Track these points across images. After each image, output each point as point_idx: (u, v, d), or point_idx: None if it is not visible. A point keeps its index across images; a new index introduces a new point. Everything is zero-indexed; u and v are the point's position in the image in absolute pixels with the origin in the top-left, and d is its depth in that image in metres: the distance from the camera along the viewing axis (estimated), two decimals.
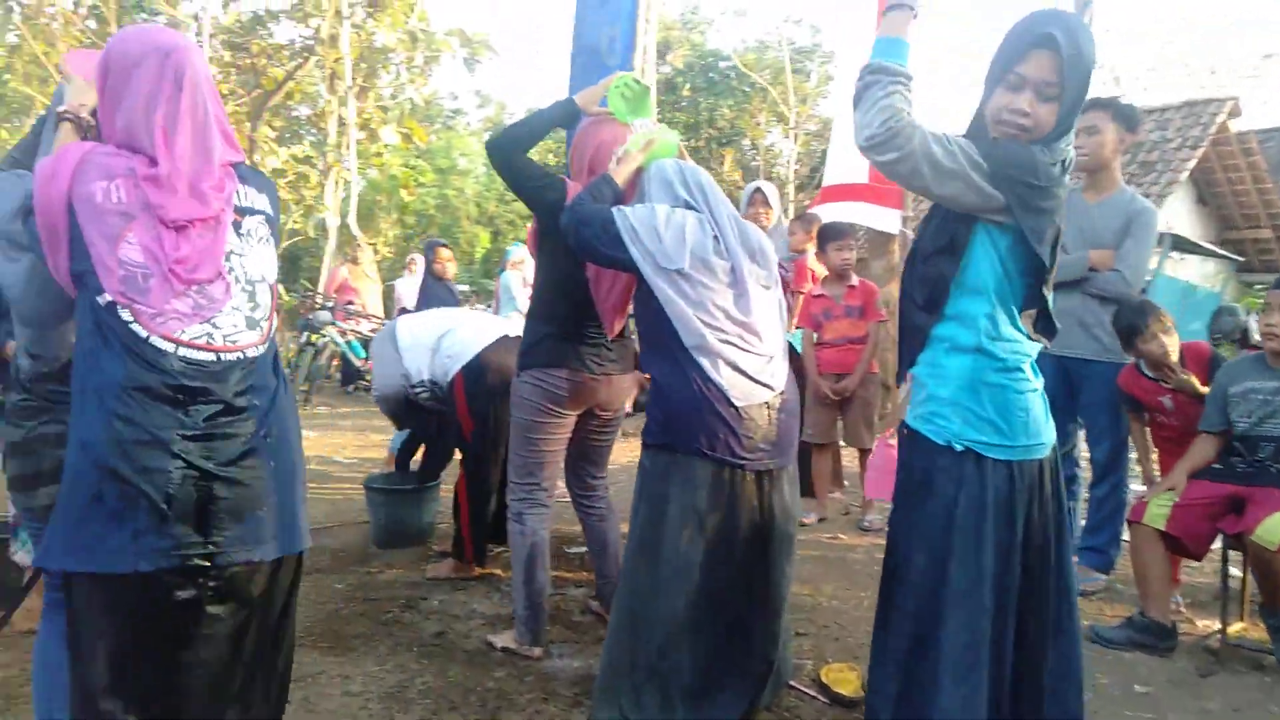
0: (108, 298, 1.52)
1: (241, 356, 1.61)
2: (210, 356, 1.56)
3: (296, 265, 21.69)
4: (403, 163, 16.91)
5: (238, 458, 1.56)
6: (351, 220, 11.68)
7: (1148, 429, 3.58)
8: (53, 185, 1.52)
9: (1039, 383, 1.93)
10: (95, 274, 1.52)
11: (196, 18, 13.59)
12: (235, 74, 15.79)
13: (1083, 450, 4.04)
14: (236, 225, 1.65)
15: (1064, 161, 1.84)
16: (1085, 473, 4.03)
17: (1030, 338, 1.90)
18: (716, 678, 2.32)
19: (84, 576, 1.51)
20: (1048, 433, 1.91)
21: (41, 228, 1.55)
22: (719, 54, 22.85)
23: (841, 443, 4.80)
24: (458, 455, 3.71)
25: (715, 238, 2.37)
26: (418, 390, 3.59)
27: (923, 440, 1.88)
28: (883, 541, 2.07)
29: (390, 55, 14.57)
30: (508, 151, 2.67)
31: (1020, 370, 1.87)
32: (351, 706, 2.52)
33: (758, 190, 4.96)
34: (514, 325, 3.49)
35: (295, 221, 17.65)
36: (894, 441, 2.25)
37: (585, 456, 3.05)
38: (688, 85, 23.40)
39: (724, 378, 2.27)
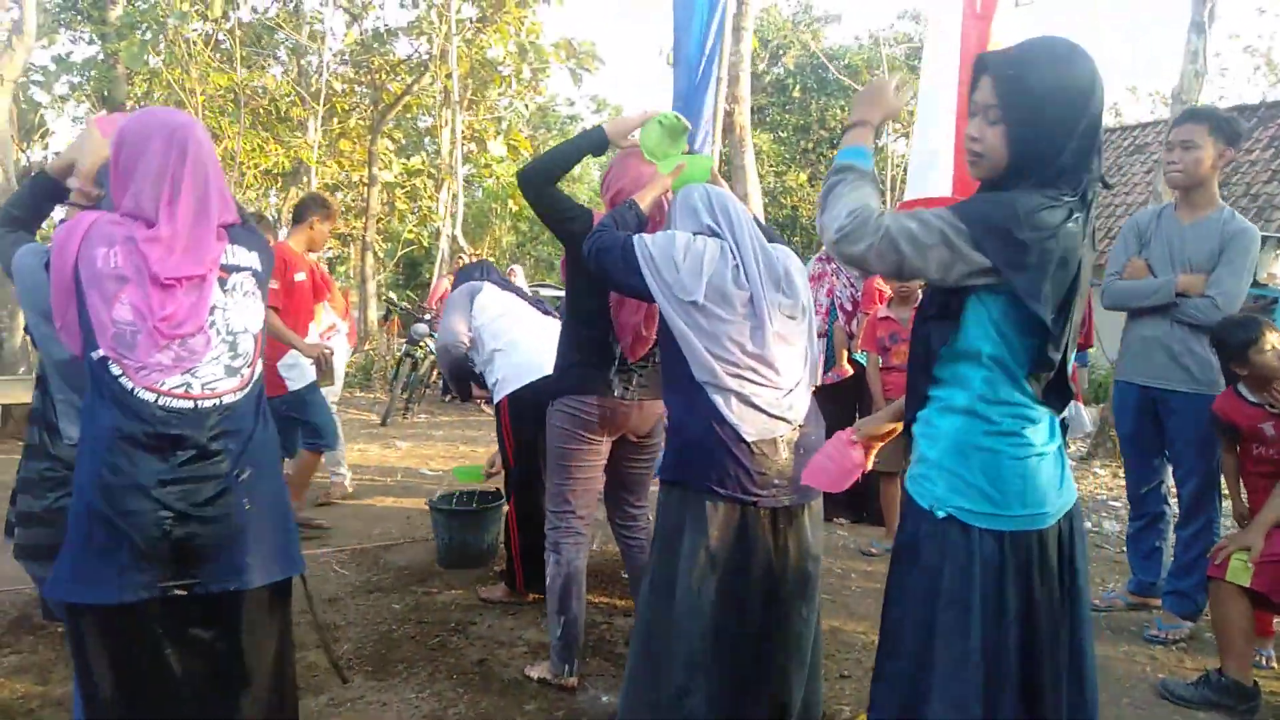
0: (100, 353, 1.68)
1: (218, 403, 1.75)
2: (188, 404, 1.70)
3: (415, 273, 22.51)
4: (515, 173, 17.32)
5: (212, 498, 1.70)
6: (458, 231, 12.02)
7: (1242, 460, 3.30)
8: (65, 252, 1.69)
9: (1051, 445, 1.77)
10: (93, 332, 1.68)
11: (319, 37, 14.28)
12: (357, 90, 16.53)
13: (1172, 486, 3.77)
14: (222, 281, 1.79)
15: (1078, 198, 1.68)
16: (1175, 509, 3.76)
17: (1039, 401, 1.74)
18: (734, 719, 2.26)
19: (82, 606, 1.70)
20: (1056, 500, 1.74)
21: (55, 288, 1.70)
22: (833, 53, 22.44)
23: None
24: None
25: (736, 266, 2.30)
26: (471, 364, 3.70)
27: (911, 503, 1.78)
28: None
29: (500, 68, 14.90)
30: (538, 184, 2.68)
31: (1020, 435, 1.71)
32: None
33: None
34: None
35: (410, 231, 18.29)
36: (856, 439, 2.10)
37: (623, 485, 3.04)
38: (798, 86, 23.10)
39: (735, 413, 2.21)
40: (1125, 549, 3.94)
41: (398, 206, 18.29)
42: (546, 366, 3.45)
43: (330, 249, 25.49)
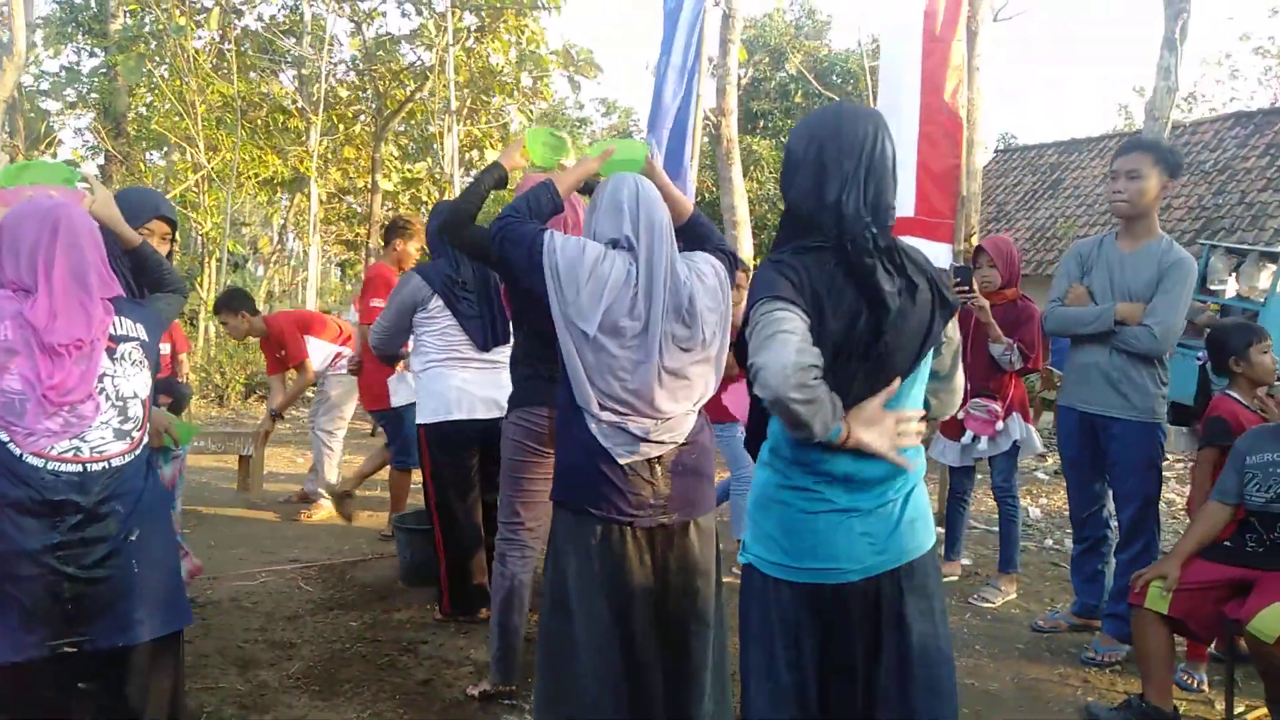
0: None
1: (107, 466, 1.85)
2: (77, 468, 1.80)
3: None
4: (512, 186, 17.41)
5: (101, 559, 1.80)
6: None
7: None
8: None
9: (865, 503, 1.73)
10: None
11: (325, 44, 14.39)
12: (361, 97, 16.65)
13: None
14: (110, 350, 1.90)
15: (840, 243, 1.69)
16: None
17: (843, 456, 1.69)
18: None
19: None
20: (869, 557, 1.72)
21: None
22: (835, 59, 22.47)
23: None
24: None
25: (635, 295, 2.25)
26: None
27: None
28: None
29: (500, 77, 15.01)
30: (457, 228, 2.76)
31: (813, 491, 1.72)
32: None
33: None
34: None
35: None
36: None
37: None
38: (800, 92, 23.12)
39: (609, 438, 2.25)
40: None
41: (402, 213, 18.41)
42: (463, 408, 3.51)
43: (337, 256, 25.71)
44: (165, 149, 13.28)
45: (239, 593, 4.08)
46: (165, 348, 7.59)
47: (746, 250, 9.80)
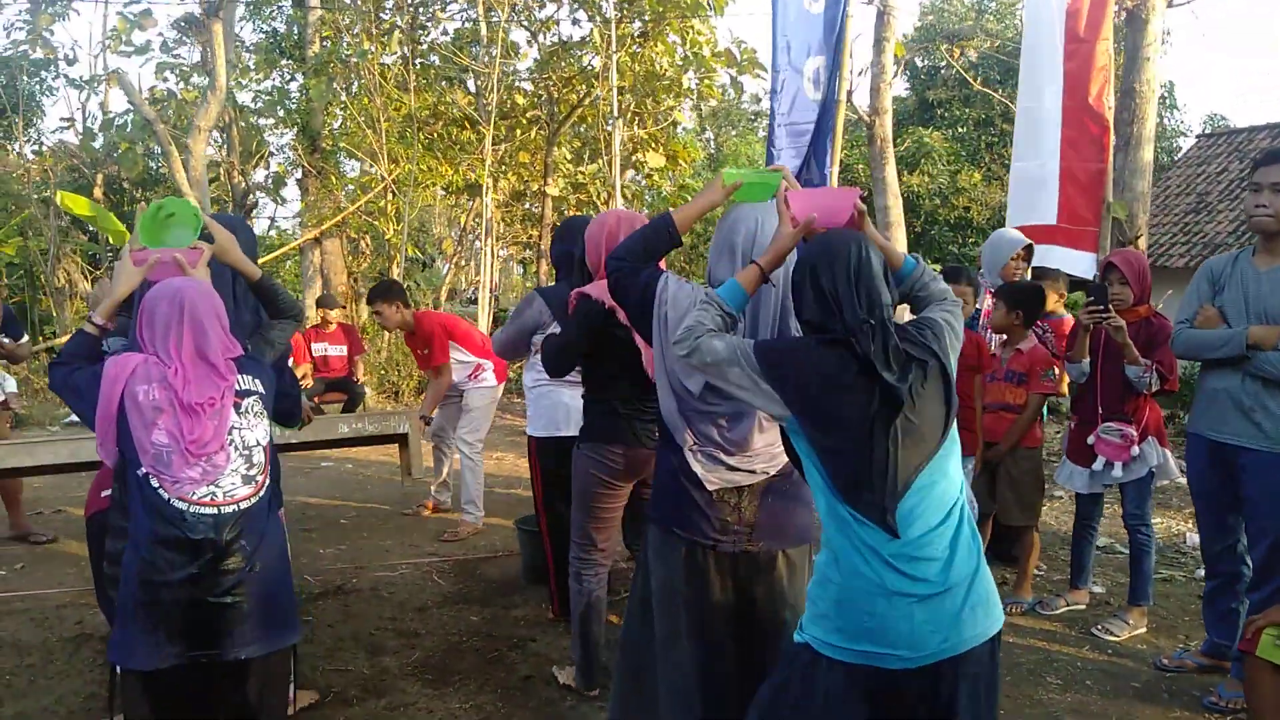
0: (143, 470, 2.14)
1: (236, 509, 2.19)
2: (213, 510, 2.15)
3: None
4: (680, 183, 17.65)
5: (230, 588, 2.15)
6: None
7: None
8: (114, 388, 2.17)
9: (919, 589, 1.76)
10: (136, 453, 2.14)
11: (508, 51, 15.12)
12: (536, 103, 17.36)
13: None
14: (237, 405, 2.24)
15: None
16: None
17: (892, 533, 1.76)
18: None
19: (126, 669, 2.21)
20: (921, 644, 1.74)
21: (100, 415, 2.19)
22: (1015, 42, 21.30)
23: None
24: None
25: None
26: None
27: None
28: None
29: (661, 80, 15.27)
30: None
31: (871, 574, 1.77)
32: None
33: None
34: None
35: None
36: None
37: (639, 514, 3.27)
38: (980, 79, 22.09)
39: (701, 466, 2.29)
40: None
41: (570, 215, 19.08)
42: (571, 425, 3.68)
43: (516, 255, 26.86)
44: (356, 162, 14.38)
45: (379, 582, 4.50)
46: (342, 349, 8.31)
47: (901, 250, 9.54)
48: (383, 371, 11.32)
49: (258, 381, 2.33)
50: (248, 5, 14.19)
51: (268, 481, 2.29)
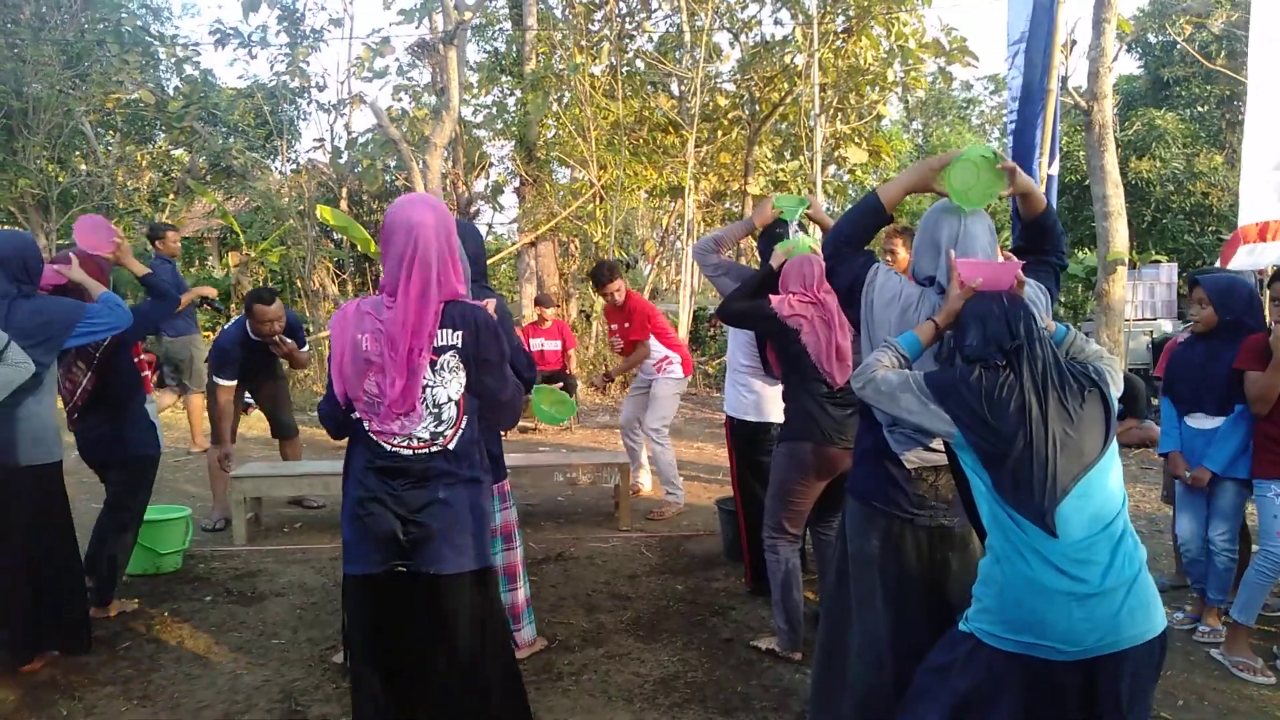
0: (357, 415, 2.39)
1: (429, 452, 2.40)
2: (409, 452, 2.39)
3: None
4: (883, 178, 17.42)
5: (420, 508, 2.38)
6: (814, 240, 12.54)
7: None
8: (344, 335, 2.40)
9: (1078, 588, 1.91)
10: (351, 396, 2.41)
11: (703, 56, 15.53)
12: (739, 103, 17.64)
13: None
14: (433, 363, 2.35)
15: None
16: None
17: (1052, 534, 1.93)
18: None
19: (348, 574, 2.48)
20: (1078, 639, 1.89)
21: (338, 360, 2.41)
22: None
23: None
24: None
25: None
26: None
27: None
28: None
29: (866, 74, 15.12)
30: (736, 310, 3.50)
31: (1032, 571, 1.93)
32: (634, 683, 3.34)
33: None
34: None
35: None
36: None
37: (828, 503, 3.50)
38: (1223, 53, 20.21)
39: (899, 443, 2.50)
40: None
41: None
42: (762, 412, 4.02)
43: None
44: (567, 170, 15.25)
45: (595, 553, 4.95)
46: (557, 344, 8.95)
47: (1120, 243, 9.06)
48: (591, 367, 11.99)
49: (459, 335, 2.37)
50: (472, 28, 15.35)
51: (459, 433, 2.40)
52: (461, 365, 2.39)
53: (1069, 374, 2.07)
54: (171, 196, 14.34)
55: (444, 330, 2.37)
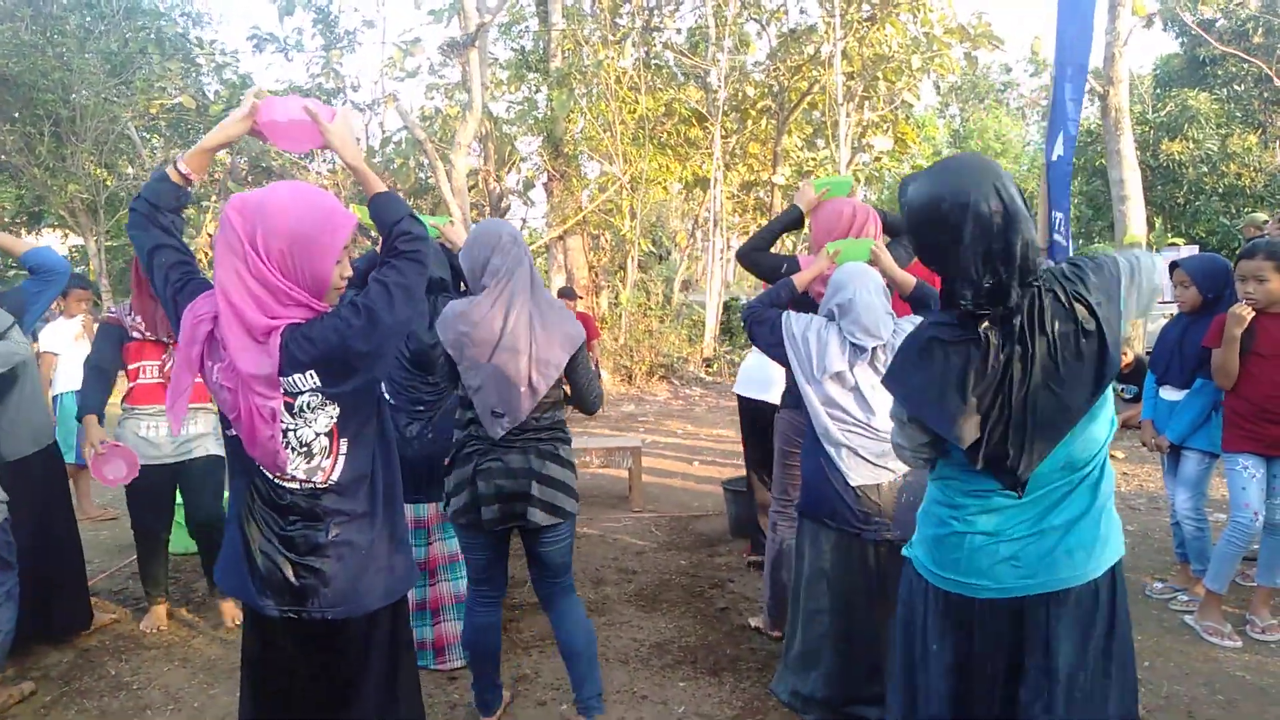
0: (232, 433, 2.00)
1: (314, 487, 2.00)
2: (295, 485, 2.00)
3: None
4: (913, 165, 17.43)
5: (310, 551, 2.01)
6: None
7: None
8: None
9: (1005, 529, 1.79)
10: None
11: (743, 44, 15.64)
12: (768, 93, 17.70)
13: None
14: (289, 405, 1.94)
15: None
16: None
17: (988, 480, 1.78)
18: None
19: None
20: (999, 578, 1.78)
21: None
22: None
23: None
24: None
25: (854, 347, 2.87)
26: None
27: None
28: None
29: (890, 61, 15.15)
30: (752, 256, 3.55)
31: (954, 508, 1.85)
32: (630, 646, 3.58)
33: None
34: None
35: None
36: None
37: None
38: (1260, 30, 19.85)
39: (845, 463, 2.82)
40: None
41: None
42: (770, 392, 4.20)
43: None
44: (595, 164, 15.47)
45: (606, 530, 5.21)
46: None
47: (1137, 226, 9.08)
48: (617, 357, 12.25)
49: (311, 375, 1.93)
50: (499, 26, 15.64)
51: (335, 469, 2.01)
52: (323, 407, 1.99)
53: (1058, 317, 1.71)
54: (214, 199, 14.83)
55: (292, 378, 1.94)
